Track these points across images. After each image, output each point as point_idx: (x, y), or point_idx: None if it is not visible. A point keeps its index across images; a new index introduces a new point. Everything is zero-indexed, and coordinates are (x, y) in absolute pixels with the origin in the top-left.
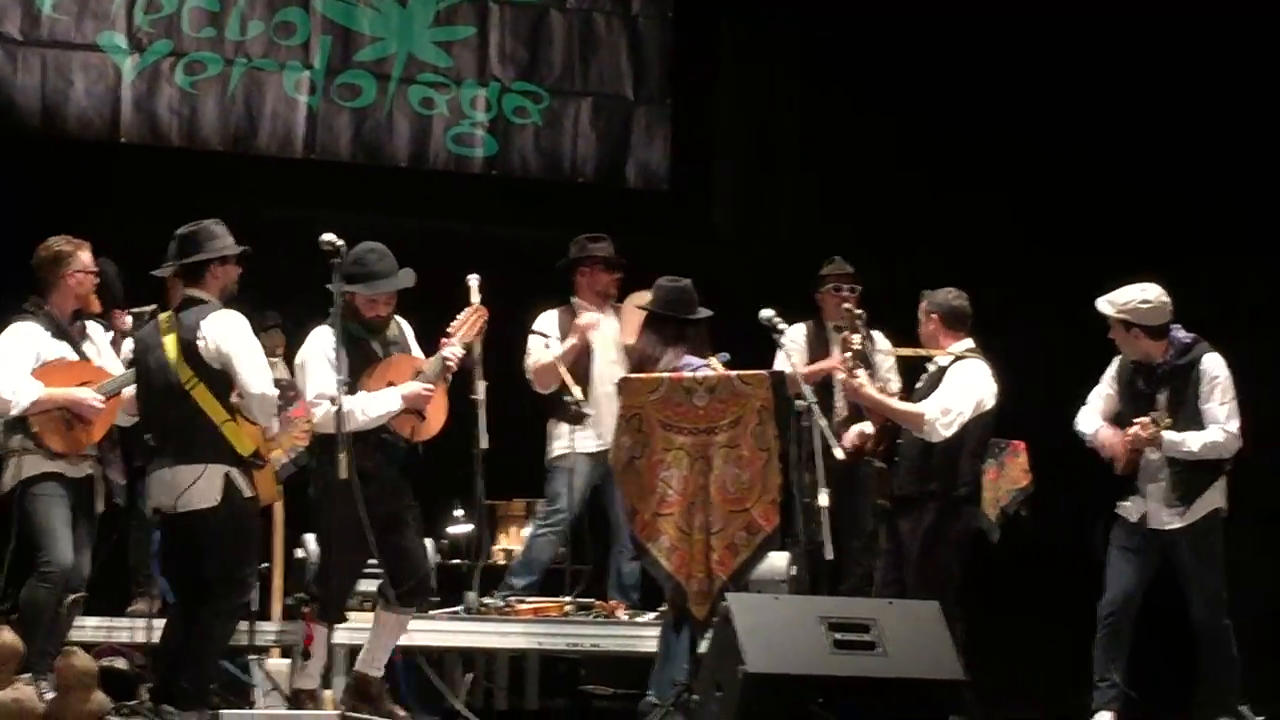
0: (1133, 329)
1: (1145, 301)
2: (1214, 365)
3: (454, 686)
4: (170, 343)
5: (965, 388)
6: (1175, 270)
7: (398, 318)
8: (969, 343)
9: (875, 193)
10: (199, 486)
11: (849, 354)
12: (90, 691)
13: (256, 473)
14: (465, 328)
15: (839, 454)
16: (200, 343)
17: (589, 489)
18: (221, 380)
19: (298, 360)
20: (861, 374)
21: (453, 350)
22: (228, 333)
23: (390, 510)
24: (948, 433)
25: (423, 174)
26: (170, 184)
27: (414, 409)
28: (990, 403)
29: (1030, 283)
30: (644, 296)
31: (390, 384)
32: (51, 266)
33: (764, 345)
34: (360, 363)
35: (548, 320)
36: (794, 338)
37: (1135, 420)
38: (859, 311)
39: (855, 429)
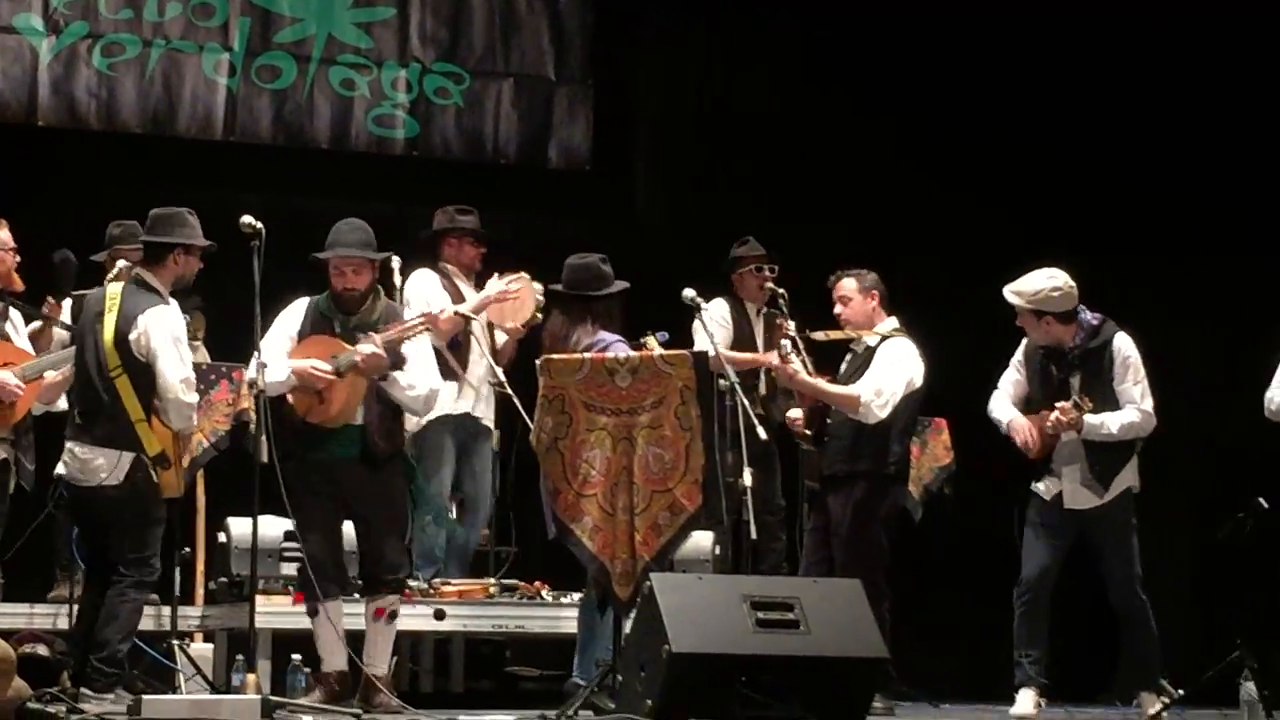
0: (1044, 317)
1: (1055, 289)
2: (1125, 345)
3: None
4: (109, 324)
5: (897, 368)
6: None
7: (403, 306)
8: (894, 322)
9: (799, 172)
10: (104, 465)
11: (786, 340)
12: (9, 679)
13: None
14: (400, 330)
15: (762, 434)
16: (133, 334)
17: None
18: (145, 375)
19: None
20: (795, 360)
21: (368, 348)
22: (159, 330)
23: (333, 494)
24: (883, 414)
25: (344, 155)
26: (89, 167)
27: (309, 387)
28: (919, 382)
29: (948, 262)
30: (521, 278)
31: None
32: None
33: (687, 326)
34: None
35: (428, 281)
36: (714, 315)
37: (1056, 405)
38: (781, 291)
39: (792, 413)
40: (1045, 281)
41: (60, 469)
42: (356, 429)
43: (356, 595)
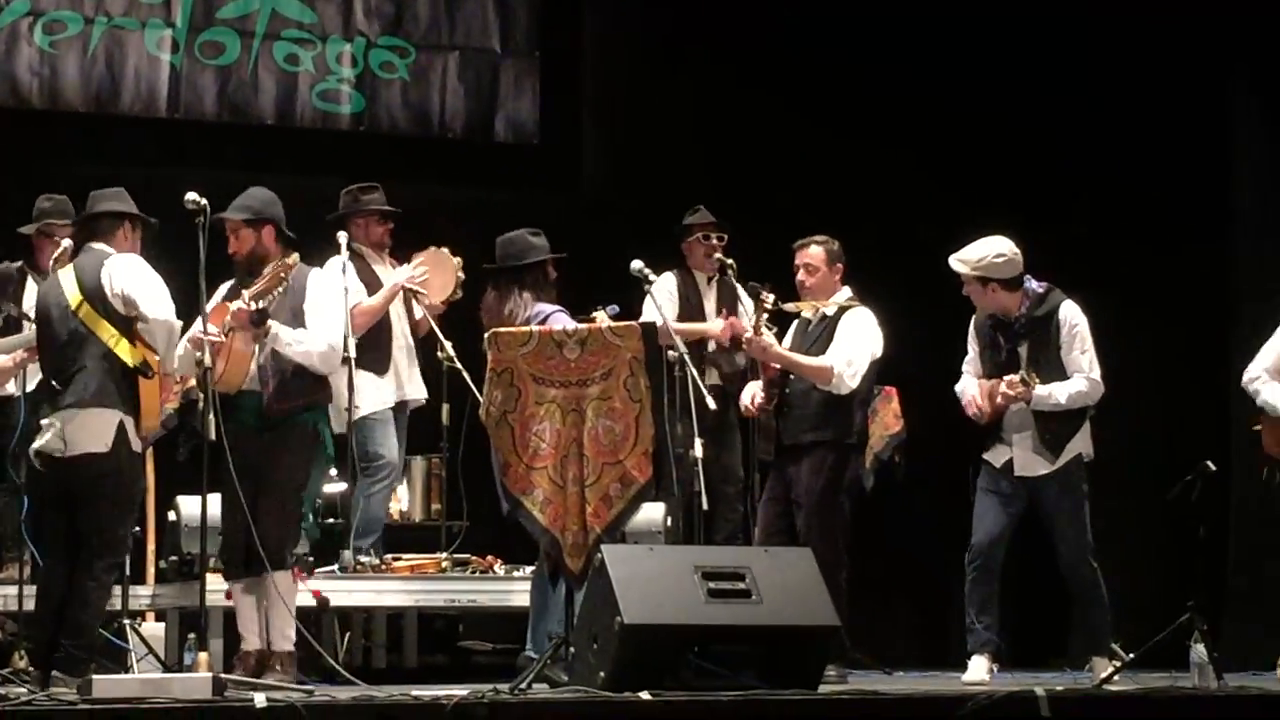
0: (989, 284)
1: (1000, 255)
2: (1072, 313)
3: (331, 646)
4: (71, 289)
5: (864, 337)
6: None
7: (305, 274)
8: (849, 291)
9: (747, 146)
10: (91, 427)
11: (765, 314)
12: None
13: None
14: (262, 284)
15: (711, 404)
16: (104, 282)
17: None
18: (123, 321)
19: None
20: (768, 333)
21: (236, 304)
22: (129, 270)
23: (241, 464)
24: (854, 383)
25: (289, 132)
26: (32, 146)
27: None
28: (879, 351)
29: (895, 230)
30: (437, 254)
31: None
32: None
33: (637, 298)
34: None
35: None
36: (663, 287)
37: (1003, 379)
38: (730, 261)
39: (751, 388)
40: (990, 248)
41: (35, 444)
42: (258, 395)
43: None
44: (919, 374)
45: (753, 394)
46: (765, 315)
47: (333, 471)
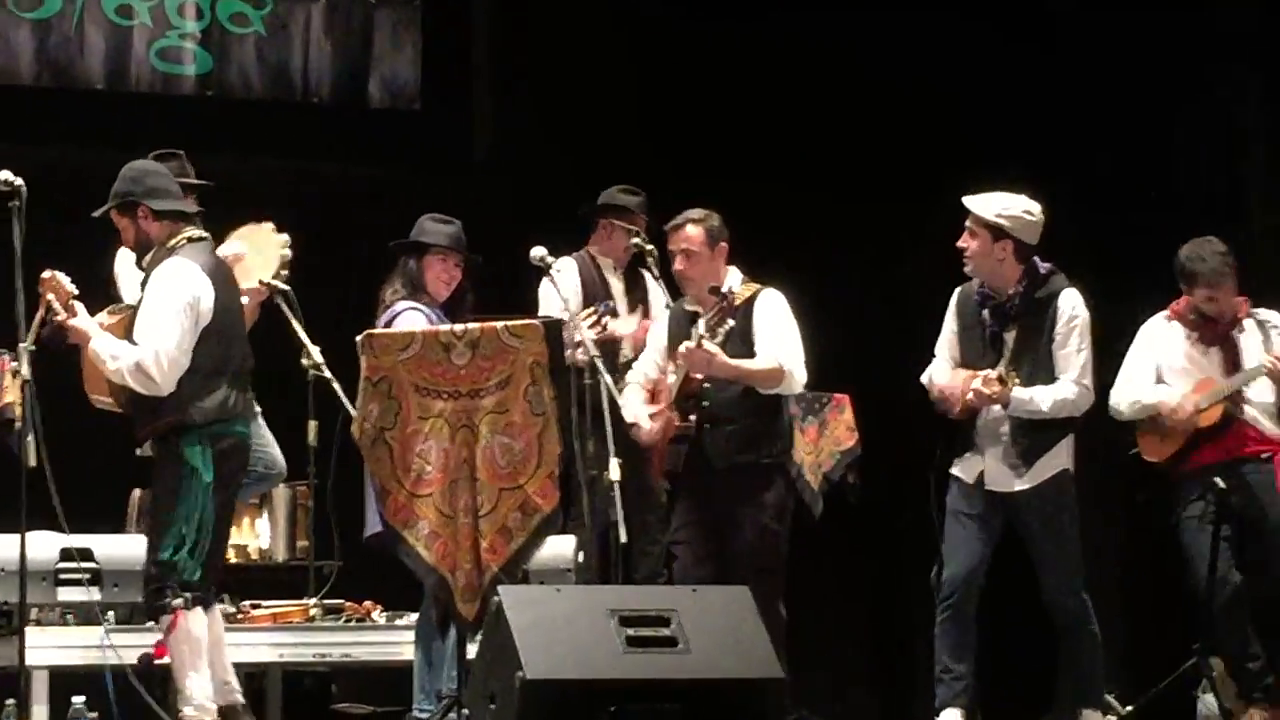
0: (1002, 241)
1: (1028, 212)
2: (1074, 303)
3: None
4: None
5: (790, 322)
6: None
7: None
8: (739, 273)
9: (674, 113)
10: None
11: (718, 320)
12: None
13: None
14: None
15: (628, 419)
16: None
17: None
18: None
19: None
20: (711, 342)
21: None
22: None
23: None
24: (804, 378)
25: (122, 97)
26: None
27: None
28: None
29: (850, 209)
30: (258, 230)
31: None
32: None
33: (529, 287)
34: None
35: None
36: (568, 276)
37: (978, 373)
38: (650, 247)
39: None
40: (1018, 201)
41: None
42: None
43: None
44: (877, 378)
45: (654, 414)
46: (719, 317)
47: None
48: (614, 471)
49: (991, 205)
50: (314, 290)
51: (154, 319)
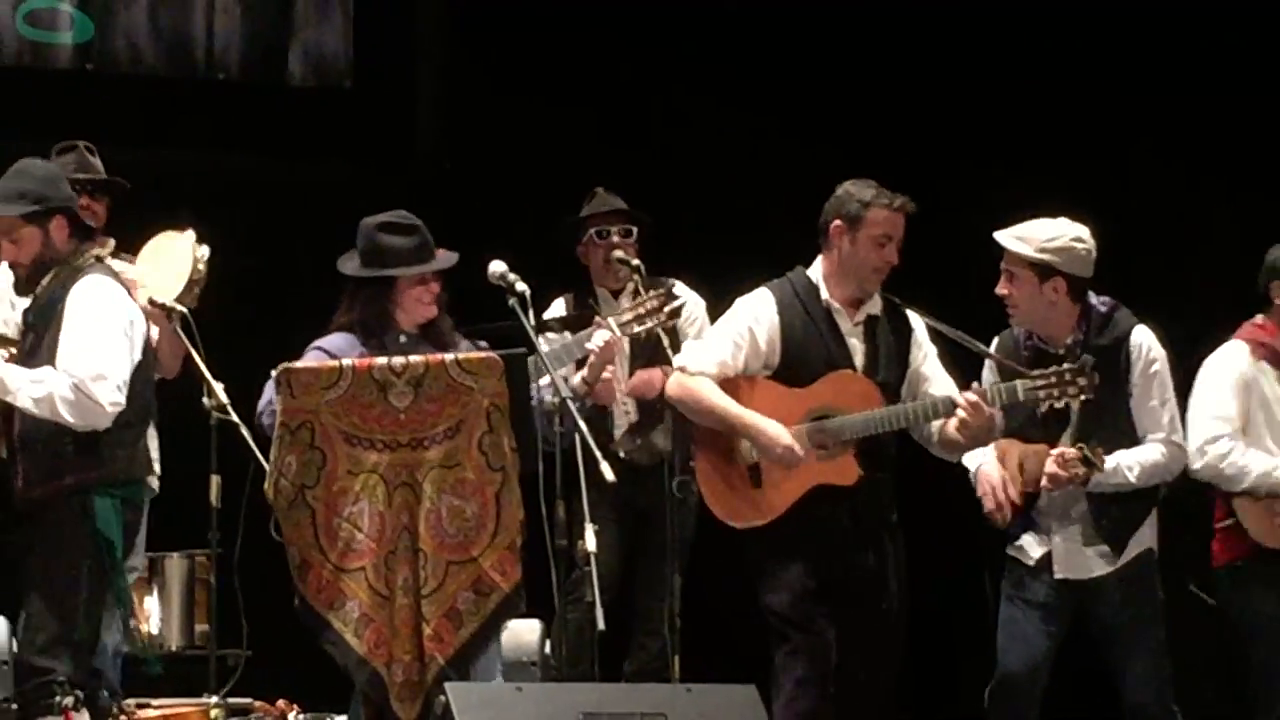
0: (1053, 279)
1: (1079, 240)
2: (1149, 344)
3: None
4: None
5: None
6: None
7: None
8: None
9: (636, 83)
10: None
11: None
12: None
13: None
14: None
15: (609, 475)
16: None
17: None
18: None
19: None
20: None
21: None
22: None
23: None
24: None
25: None
26: None
27: None
28: None
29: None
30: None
31: None
32: None
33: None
34: None
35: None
36: (554, 314)
37: (1043, 451)
38: (636, 263)
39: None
40: (1065, 229)
41: None
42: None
43: None
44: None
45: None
46: None
47: None
48: (590, 540)
49: (1032, 239)
50: (217, 314)
51: (87, 340)
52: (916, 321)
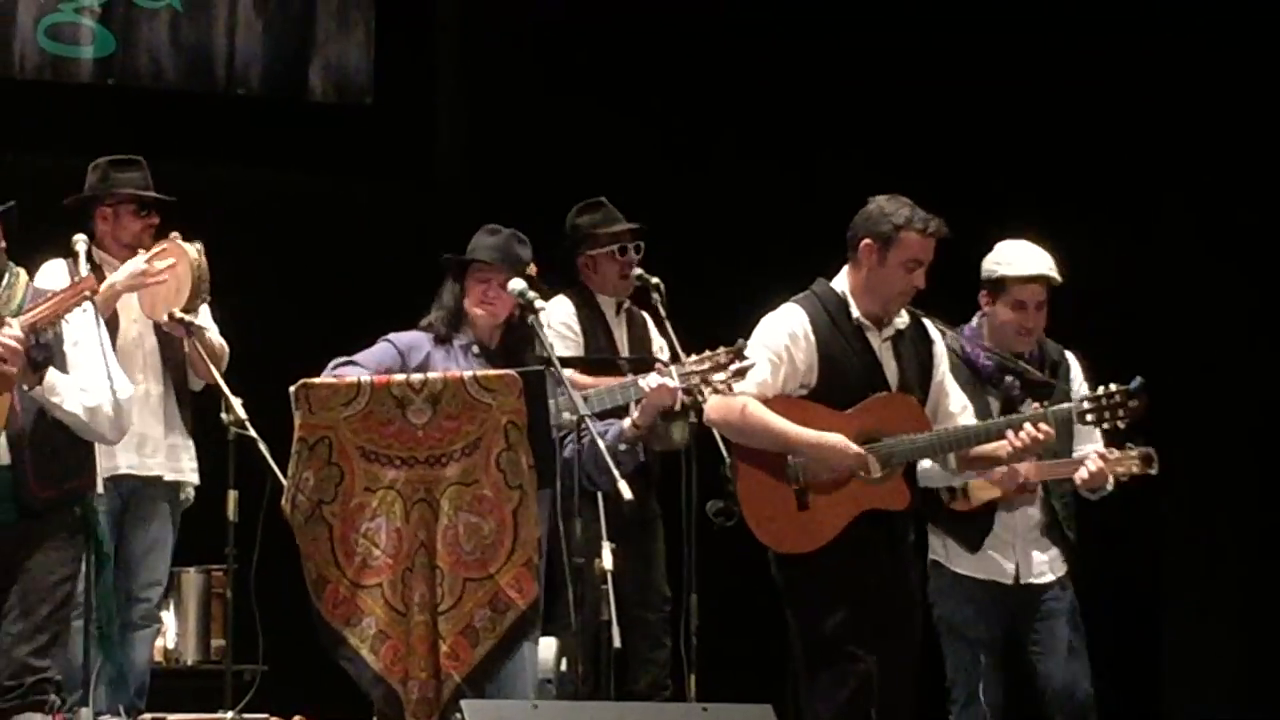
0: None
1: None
2: (1077, 367)
3: None
4: None
5: None
6: None
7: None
8: None
9: (651, 106)
10: None
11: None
12: None
13: None
14: (54, 304)
15: (626, 493)
16: None
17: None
18: None
19: None
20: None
21: (8, 332)
22: None
23: None
24: None
25: (3, 84)
26: None
27: None
28: None
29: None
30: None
31: None
32: None
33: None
34: None
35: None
36: (559, 317)
37: (1098, 452)
38: (656, 280)
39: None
40: (1037, 247)
41: None
42: (7, 473)
43: None
44: None
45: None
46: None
47: None
48: (607, 559)
49: (1053, 265)
50: (235, 329)
51: (107, 358)
52: (935, 334)
